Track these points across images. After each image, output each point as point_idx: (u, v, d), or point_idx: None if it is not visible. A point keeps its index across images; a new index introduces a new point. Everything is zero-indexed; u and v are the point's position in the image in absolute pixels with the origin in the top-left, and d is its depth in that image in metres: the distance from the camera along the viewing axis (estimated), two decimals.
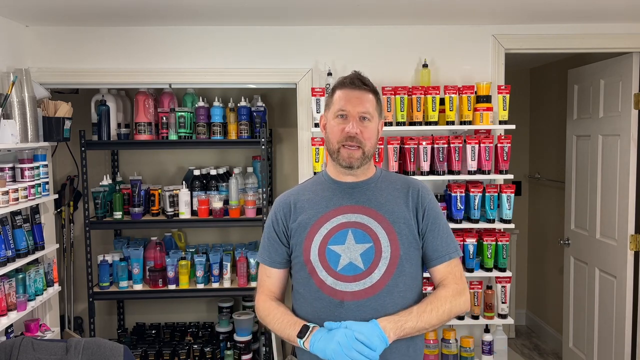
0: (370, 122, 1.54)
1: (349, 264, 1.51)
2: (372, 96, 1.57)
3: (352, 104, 1.52)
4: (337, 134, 1.53)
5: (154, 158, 3.76)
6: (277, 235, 1.63)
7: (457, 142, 2.81)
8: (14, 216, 2.59)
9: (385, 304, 1.50)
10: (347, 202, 1.57)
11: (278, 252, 1.64)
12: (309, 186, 1.66)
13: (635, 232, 3.10)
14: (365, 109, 1.53)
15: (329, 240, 1.53)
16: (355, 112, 1.52)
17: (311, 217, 1.57)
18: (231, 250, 3.51)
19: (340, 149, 1.53)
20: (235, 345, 3.38)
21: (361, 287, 1.50)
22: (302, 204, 1.60)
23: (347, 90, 1.55)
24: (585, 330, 3.50)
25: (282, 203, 1.64)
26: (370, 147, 1.55)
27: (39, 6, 2.57)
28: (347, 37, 3.01)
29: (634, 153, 3.07)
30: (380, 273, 1.50)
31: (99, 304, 3.62)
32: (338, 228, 1.54)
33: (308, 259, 1.55)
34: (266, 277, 1.67)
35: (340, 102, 1.54)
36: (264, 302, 1.63)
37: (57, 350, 2.01)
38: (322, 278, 1.52)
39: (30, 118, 2.65)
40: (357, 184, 1.59)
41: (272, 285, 1.66)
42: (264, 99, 3.51)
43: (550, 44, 3.03)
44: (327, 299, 1.51)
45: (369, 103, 1.55)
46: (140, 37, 2.99)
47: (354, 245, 1.52)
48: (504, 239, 2.86)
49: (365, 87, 1.56)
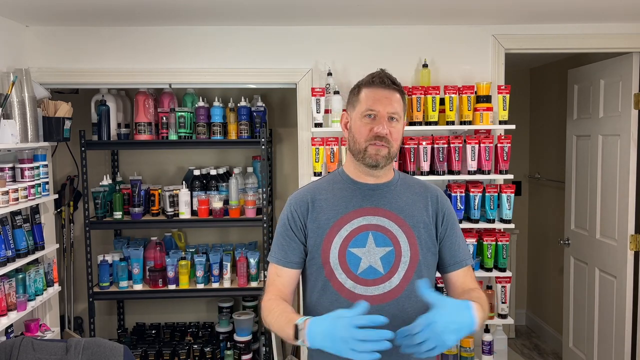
0: (398, 123, 1.50)
1: (369, 267, 1.48)
2: (400, 96, 1.51)
3: (382, 104, 1.47)
4: (365, 134, 1.48)
5: (154, 158, 3.76)
6: (295, 233, 1.55)
7: (457, 142, 2.81)
8: (14, 216, 2.59)
9: (405, 308, 1.47)
10: (367, 204, 1.53)
11: (295, 251, 1.55)
12: (325, 185, 1.59)
13: (635, 232, 3.10)
14: (394, 110, 1.48)
15: (350, 243, 1.49)
16: (385, 112, 1.46)
17: (330, 218, 1.52)
18: (231, 250, 3.51)
19: (368, 147, 1.48)
20: (235, 345, 3.38)
21: (381, 292, 1.47)
22: (320, 203, 1.54)
23: (376, 89, 1.48)
24: (585, 330, 3.50)
25: (299, 201, 1.57)
26: (397, 148, 1.51)
27: (39, 6, 2.57)
28: (347, 37, 3.01)
29: (634, 153, 3.07)
30: (399, 277, 1.48)
31: (99, 304, 3.62)
32: (359, 230, 1.50)
33: (327, 260, 1.50)
34: (277, 276, 1.57)
35: (368, 102, 1.48)
36: (268, 301, 1.52)
37: (57, 350, 2.01)
38: (342, 281, 1.49)
39: (30, 118, 2.65)
40: (377, 186, 1.55)
41: (282, 285, 1.56)
42: (264, 99, 3.51)
43: (550, 44, 3.03)
44: (346, 302, 1.46)
45: (397, 103, 1.49)
46: (140, 37, 2.99)
47: (374, 248, 1.49)
48: (504, 239, 2.86)
49: (395, 86, 1.51)
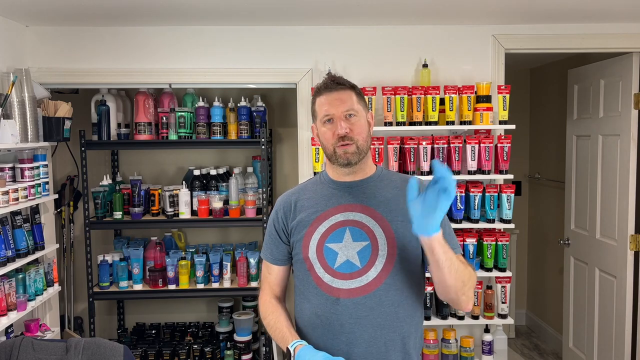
0: (357, 117, 1.55)
1: (346, 261, 1.52)
2: (351, 92, 1.57)
3: (334, 106, 1.53)
4: (330, 138, 1.55)
5: (154, 158, 3.76)
6: (278, 233, 1.66)
7: (457, 142, 2.81)
8: (14, 216, 2.59)
9: (382, 302, 1.50)
10: (345, 201, 1.59)
11: (279, 250, 1.66)
12: (309, 186, 1.69)
13: (635, 232, 3.10)
14: (347, 107, 1.53)
15: (327, 239, 1.55)
16: (339, 112, 1.53)
17: (310, 215, 1.59)
18: (231, 250, 3.51)
19: (336, 149, 1.54)
20: (235, 345, 3.38)
21: (357, 285, 1.51)
22: (303, 202, 1.63)
23: (326, 95, 1.56)
24: (585, 330, 3.50)
25: (283, 202, 1.67)
26: (363, 141, 1.55)
27: (39, 6, 2.57)
28: (347, 37, 3.01)
29: (634, 153, 3.07)
30: (376, 271, 1.51)
31: (99, 304, 3.62)
32: (336, 226, 1.55)
33: (307, 256, 1.57)
34: (268, 273, 1.70)
35: (322, 108, 1.55)
36: (264, 304, 1.66)
37: (57, 350, 2.01)
38: (320, 275, 1.54)
39: (30, 118, 2.65)
40: (355, 183, 1.61)
41: (273, 282, 1.69)
42: (264, 99, 3.51)
43: (550, 44, 3.02)
44: (324, 295, 1.53)
45: (350, 100, 1.54)
46: (140, 37, 2.99)
47: (351, 243, 1.54)
48: (504, 239, 2.86)
49: (341, 85, 1.57)
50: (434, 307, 2.90)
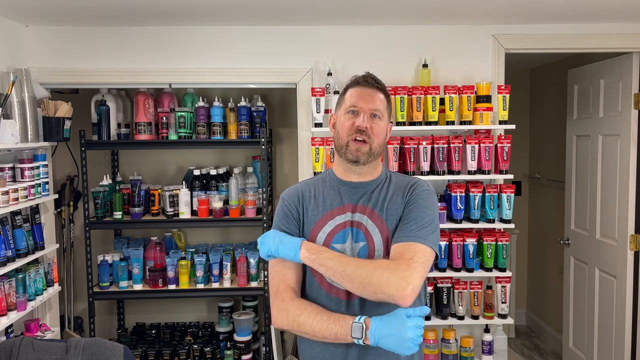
0: (380, 120, 1.57)
1: None
2: (384, 96, 1.59)
3: (364, 101, 1.55)
4: (347, 128, 1.55)
5: (154, 158, 3.76)
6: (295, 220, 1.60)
7: (457, 142, 2.81)
8: (14, 216, 2.59)
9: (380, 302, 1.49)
10: (350, 201, 1.59)
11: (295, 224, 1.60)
12: (313, 183, 1.67)
13: (635, 232, 3.10)
14: (376, 106, 1.56)
15: (333, 239, 1.55)
16: (366, 108, 1.55)
17: (316, 215, 1.59)
18: (231, 250, 3.51)
19: (349, 142, 1.54)
20: (235, 345, 3.38)
21: None
22: (309, 199, 1.62)
23: (360, 88, 1.58)
24: (585, 330, 3.51)
25: (291, 196, 1.64)
26: (378, 144, 1.56)
27: (39, 6, 2.57)
28: (347, 37, 3.01)
29: (634, 153, 3.07)
30: None
31: (99, 304, 3.62)
32: (341, 227, 1.56)
33: None
34: (287, 269, 1.56)
35: (352, 99, 1.57)
36: (292, 301, 1.52)
37: (57, 350, 2.01)
38: None
39: (30, 118, 2.65)
40: (361, 184, 1.60)
41: (292, 279, 1.56)
42: (264, 99, 3.51)
43: (550, 44, 3.03)
44: (326, 295, 1.54)
45: (380, 102, 1.57)
46: (140, 37, 2.99)
47: (353, 244, 1.55)
48: (504, 239, 2.86)
49: (378, 86, 1.59)
50: (434, 307, 2.90)
